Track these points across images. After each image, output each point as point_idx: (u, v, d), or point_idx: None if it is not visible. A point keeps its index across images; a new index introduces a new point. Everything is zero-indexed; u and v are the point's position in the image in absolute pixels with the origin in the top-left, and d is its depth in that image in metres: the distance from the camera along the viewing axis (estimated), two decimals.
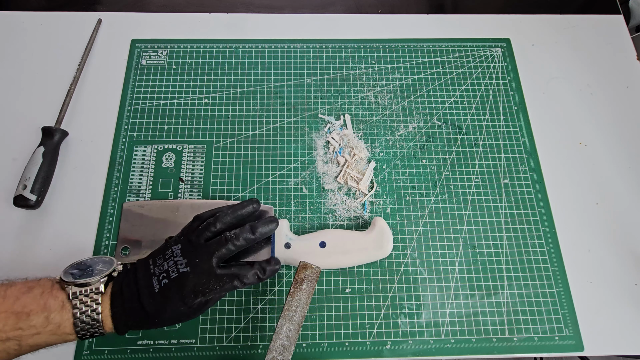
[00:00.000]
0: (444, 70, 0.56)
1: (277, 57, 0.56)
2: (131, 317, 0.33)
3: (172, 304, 0.33)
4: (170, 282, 0.33)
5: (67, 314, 0.31)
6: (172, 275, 0.34)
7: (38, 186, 0.44)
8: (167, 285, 0.33)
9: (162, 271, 0.34)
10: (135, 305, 0.33)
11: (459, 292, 0.44)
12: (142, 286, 0.34)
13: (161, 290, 0.33)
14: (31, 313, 0.30)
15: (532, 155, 0.51)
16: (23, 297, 0.31)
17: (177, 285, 0.33)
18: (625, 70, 0.57)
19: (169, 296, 0.33)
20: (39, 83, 0.53)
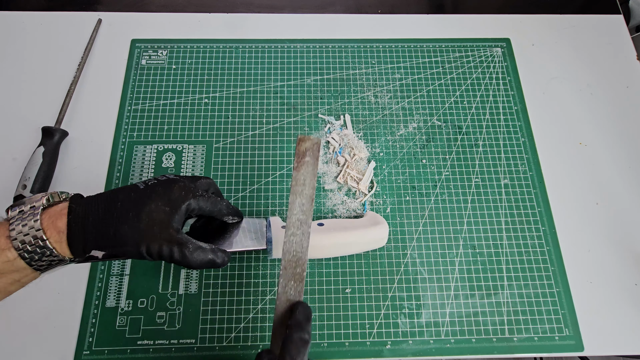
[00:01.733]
0: (444, 70, 0.56)
1: (277, 57, 0.56)
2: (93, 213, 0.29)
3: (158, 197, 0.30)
4: (158, 182, 0.31)
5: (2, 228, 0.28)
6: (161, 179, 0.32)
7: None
8: (155, 184, 0.31)
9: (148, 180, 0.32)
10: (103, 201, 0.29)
11: (459, 292, 0.44)
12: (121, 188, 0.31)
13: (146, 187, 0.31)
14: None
15: (532, 155, 0.51)
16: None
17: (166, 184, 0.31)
18: (625, 70, 0.57)
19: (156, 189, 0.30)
20: (39, 83, 0.53)
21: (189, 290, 0.43)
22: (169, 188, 0.31)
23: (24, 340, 0.41)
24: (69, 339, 0.41)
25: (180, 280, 0.44)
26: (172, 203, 0.31)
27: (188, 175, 0.36)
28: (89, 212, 0.29)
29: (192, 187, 0.33)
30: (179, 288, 0.43)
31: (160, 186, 0.31)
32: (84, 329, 0.41)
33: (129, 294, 0.43)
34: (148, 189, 0.31)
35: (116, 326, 0.42)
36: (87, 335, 0.41)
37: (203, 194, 0.33)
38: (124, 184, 0.47)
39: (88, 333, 0.41)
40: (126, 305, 0.42)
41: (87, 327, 0.42)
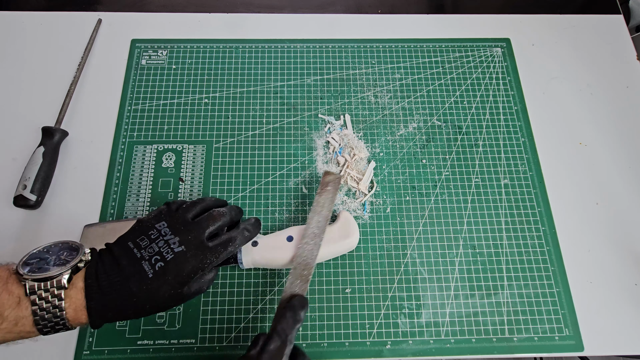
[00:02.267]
0: (444, 70, 0.56)
1: (277, 57, 0.56)
2: (113, 309, 0.30)
3: (169, 288, 0.31)
4: (166, 264, 0.31)
5: (25, 311, 0.28)
6: (168, 257, 0.31)
7: (38, 186, 0.44)
8: (163, 268, 0.31)
9: (152, 254, 0.31)
10: (121, 295, 0.30)
11: (459, 292, 0.44)
12: (130, 273, 0.30)
13: (156, 275, 0.31)
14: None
15: (532, 155, 0.51)
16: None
17: (174, 266, 0.31)
18: (625, 70, 0.57)
19: (167, 280, 0.31)
20: (39, 83, 0.53)
21: None
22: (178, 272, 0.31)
23: (23, 340, 0.41)
24: (69, 339, 0.41)
25: None
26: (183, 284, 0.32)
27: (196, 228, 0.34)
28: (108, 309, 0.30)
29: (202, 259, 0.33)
30: None
31: (169, 273, 0.31)
32: (84, 329, 0.41)
33: None
34: (157, 279, 0.31)
35: (116, 326, 0.42)
36: (87, 335, 0.41)
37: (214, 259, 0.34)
38: (124, 184, 0.47)
39: (88, 333, 0.41)
40: None
41: (87, 327, 0.41)
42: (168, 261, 0.31)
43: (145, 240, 0.33)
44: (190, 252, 0.32)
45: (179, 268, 0.31)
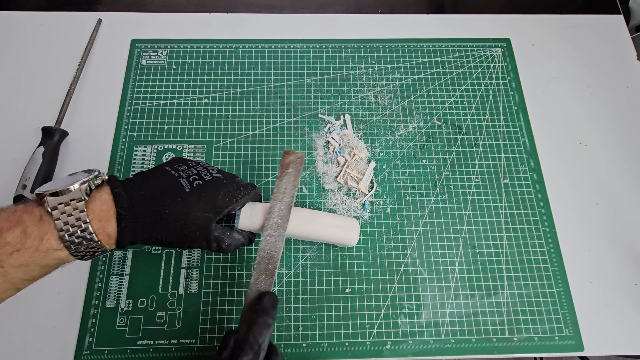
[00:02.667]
0: (444, 70, 0.56)
1: (277, 57, 0.56)
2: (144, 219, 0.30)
3: (203, 208, 0.31)
4: (204, 183, 0.32)
5: (49, 226, 0.28)
6: (206, 178, 0.32)
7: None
8: (201, 186, 0.31)
9: (190, 174, 0.32)
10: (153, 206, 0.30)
11: (459, 292, 0.44)
12: (167, 187, 0.30)
13: (193, 190, 0.31)
14: (3, 230, 0.27)
15: (532, 155, 0.51)
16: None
17: (211, 187, 0.32)
18: (625, 70, 0.57)
19: (202, 197, 0.31)
20: (39, 83, 0.53)
21: (189, 290, 0.43)
22: (214, 194, 0.32)
23: (24, 340, 0.41)
24: (69, 339, 0.41)
25: (180, 280, 0.44)
26: (216, 209, 0.32)
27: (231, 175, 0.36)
28: (137, 219, 0.30)
29: (235, 193, 0.34)
30: (179, 288, 0.43)
31: (206, 191, 0.31)
32: (84, 329, 0.41)
33: (129, 294, 0.43)
34: (194, 195, 0.31)
35: (116, 326, 0.42)
36: (87, 335, 0.41)
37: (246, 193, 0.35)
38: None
39: (88, 333, 0.41)
40: (126, 305, 0.42)
41: (87, 327, 0.42)
42: (206, 181, 0.32)
43: (182, 166, 0.33)
44: (226, 180, 0.33)
45: (215, 190, 0.32)
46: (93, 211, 0.29)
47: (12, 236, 0.27)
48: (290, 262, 0.45)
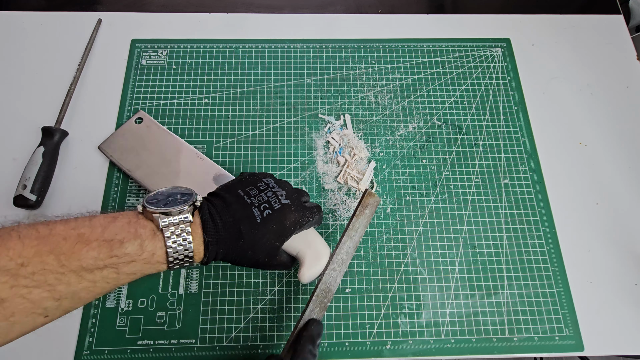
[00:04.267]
0: (444, 70, 0.56)
1: (277, 57, 0.56)
2: (224, 247, 0.32)
3: (271, 237, 0.33)
4: (273, 212, 0.33)
5: (159, 242, 0.30)
6: (275, 206, 0.34)
7: (38, 186, 0.44)
8: (270, 216, 0.33)
9: (262, 202, 0.34)
10: (232, 235, 0.32)
11: (459, 292, 0.44)
12: (242, 216, 0.33)
13: (263, 221, 0.33)
14: (124, 240, 0.29)
15: (532, 155, 0.51)
16: (110, 226, 0.29)
17: (279, 215, 0.33)
18: (625, 70, 0.57)
19: (271, 228, 0.33)
20: (39, 83, 0.53)
21: (189, 290, 0.43)
22: (282, 223, 0.34)
23: (24, 340, 0.41)
24: (69, 339, 0.41)
25: (180, 280, 0.44)
26: (283, 238, 0.34)
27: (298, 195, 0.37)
28: (219, 244, 0.33)
29: (302, 216, 0.35)
30: (179, 288, 0.43)
31: (275, 221, 0.34)
32: (84, 329, 0.41)
33: (129, 294, 0.43)
34: (264, 225, 0.33)
35: (116, 326, 0.42)
36: (87, 335, 0.41)
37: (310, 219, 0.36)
38: (124, 184, 0.47)
39: (88, 333, 0.41)
40: (126, 305, 0.42)
41: (87, 327, 0.42)
42: (275, 210, 0.34)
43: (254, 190, 0.35)
44: (294, 205, 0.35)
45: (283, 218, 0.34)
46: (196, 232, 0.32)
47: (132, 248, 0.29)
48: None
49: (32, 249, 0.26)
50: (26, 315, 0.26)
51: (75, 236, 0.28)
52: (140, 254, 0.29)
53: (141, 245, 0.29)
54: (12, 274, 0.25)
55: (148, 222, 0.31)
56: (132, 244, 0.29)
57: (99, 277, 0.28)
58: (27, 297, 0.25)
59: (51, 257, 0.26)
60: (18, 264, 0.25)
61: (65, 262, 0.27)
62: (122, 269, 0.29)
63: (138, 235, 0.30)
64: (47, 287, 0.26)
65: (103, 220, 0.30)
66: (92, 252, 0.27)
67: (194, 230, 0.32)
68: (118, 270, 0.29)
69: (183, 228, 0.31)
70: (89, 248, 0.27)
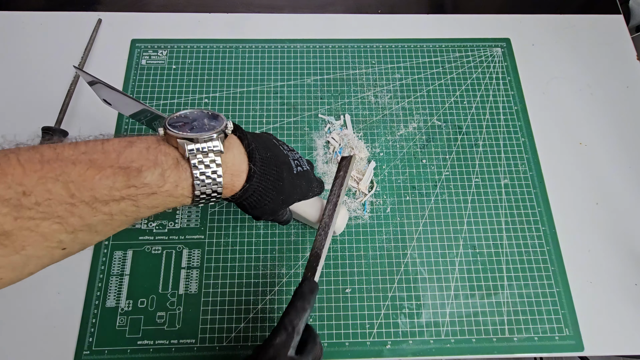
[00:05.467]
0: (444, 70, 0.56)
1: (277, 57, 0.56)
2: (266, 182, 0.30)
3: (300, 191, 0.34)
4: (303, 171, 0.34)
5: (184, 173, 0.26)
6: (304, 168, 0.35)
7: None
8: (302, 173, 0.34)
9: (295, 158, 0.34)
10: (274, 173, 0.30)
11: (459, 292, 0.44)
12: (284, 162, 0.32)
13: (298, 174, 0.33)
14: (142, 169, 0.25)
15: (532, 155, 0.51)
16: (126, 151, 0.25)
17: (306, 177, 0.35)
18: (625, 70, 0.57)
19: (301, 183, 0.34)
20: (39, 83, 0.53)
21: (189, 290, 0.43)
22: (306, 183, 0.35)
23: (24, 340, 0.41)
24: (69, 339, 0.41)
25: (180, 280, 0.44)
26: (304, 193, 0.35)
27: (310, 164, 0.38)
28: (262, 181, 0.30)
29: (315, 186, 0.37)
30: (179, 288, 0.43)
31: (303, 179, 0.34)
32: (84, 329, 0.41)
33: (129, 294, 0.43)
34: (298, 178, 0.34)
35: (116, 326, 0.42)
36: (87, 335, 0.41)
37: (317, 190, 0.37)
38: None
39: (88, 333, 0.41)
40: (126, 305, 0.42)
41: (87, 327, 0.42)
42: (304, 170, 0.35)
43: (285, 146, 0.35)
44: (311, 175, 0.36)
45: (307, 180, 0.35)
46: (226, 164, 0.28)
47: (152, 177, 0.25)
48: (291, 262, 0.45)
49: (35, 175, 0.22)
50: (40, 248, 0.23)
51: (86, 161, 0.24)
52: (162, 185, 0.26)
53: (162, 175, 0.25)
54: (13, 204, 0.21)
55: (171, 149, 0.27)
56: (152, 173, 0.25)
57: (116, 210, 0.25)
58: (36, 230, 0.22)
59: (58, 185, 0.22)
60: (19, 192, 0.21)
61: (75, 192, 0.23)
62: (142, 201, 0.25)
63: (159, 164, 0.26)
64: (57, 220, 0.23)
65: (118, 144, 0.26)
66: (106, 181, 0.24)
67: (233, 162, 0.28)
68: (137, 202, 0.25)
69: (213, 159, 0.27)
70: (102, 176, 0.24)
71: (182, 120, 0.28)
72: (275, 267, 0.45)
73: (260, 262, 0.45)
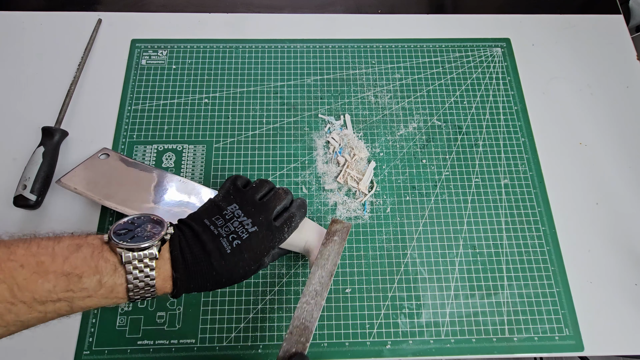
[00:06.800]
0: (444, 70, 0.56)
1: (277, 57, 0.56)
2: (195, 281, 0.32)
3: (244, 265, 0.34)
4: (242, 242, 0.34)
5: (120, 278, 0.29)
6: (243, 236, 0.34)
7: (38, 186, 0.44)
8: (239, 246, 0.33)
9: (229, 232, 0.34)
10: (203, 268, 0.32)
11: (459, 292, 0.44)
12: (211, 249, 0.33)
13: (233, 252, 0.33)
14: (83, 275, 0.28)
15: (532, 155, 0.51)
16: (72, 257, 0.28)
17: (249, 245, 0.34)
18: (625, 70, 0.57)
19: (243, 257, 0.33)
20: (39, 83, 0.53)
21: None
22: (253, 250, 0.34)
23: (24, 340, 0.41)
24: (69, 339, 0.41)
25: None
26: (257, 261, 0.34)
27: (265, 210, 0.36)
28: (191, 280, 0.32)
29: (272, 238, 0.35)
30: None
31: (245, 250, 0.34)
32: (84, 329, 0.42)
33: None
34: (235, 256, 0.33)
35: (116, 326, 0.42)
36: (87, 335, 0.41)
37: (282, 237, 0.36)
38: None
39: (88, 333, 0.41)
40: (126, 305, 0.42)
41: (87, 327, 0.42)
42: (244, 240, 0.34)
43: (220, 219, 0.35)
44: (262, 232, 0.35)
45: (253, 246, 0.34)
46: (159, 269, 0.31)
47: (90, 283, 0.28)
48: (291, 262, 0.45)
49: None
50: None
51: (33, 265, 0.27)
52: (98, 289, 0.29)
53: (100, 281, 0.28)
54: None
55: (111, 255, 0.30)
56: (91, 279, 0.28)
57: (51, 309, 0.27)
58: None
59: (3, 286, 0.25)
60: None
61: (17, 293, 0.26)
62: (77, 303, 0.28)
63: (99, 271, 0.29)
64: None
65: (67, 249, 0.29)
66: (47, 285, 0.26)
67: (161, 266, 0.31)
68: (72, 304, 0.28)
69: (147, 263, 0.30)
70: (45, 280, 0.26)
71: (127, 227, 0.32)
72: (275, 267, 0.45)
73: None
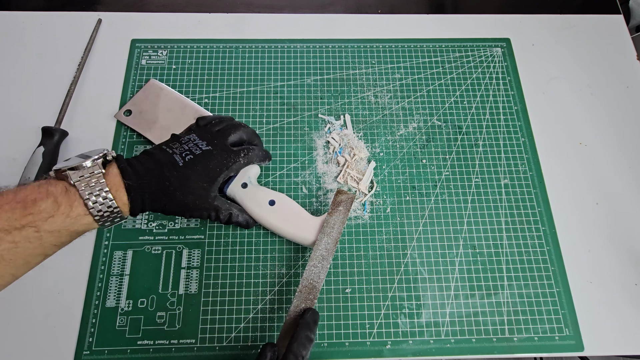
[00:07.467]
0: (444, 70, 0.56)
1: (277, 57, 0.56)
2: (149, 191, 0.33)
3: (198, 178, 0.35)
4: (195, 157, 0.35)
5: (74, 195, 0.31)
6: (196, 152, 0.36)
7: None
8: (192, 160, 0.35)
9: (183, 150, 0.36)
10: (154, 178, 0.34)
11: (459, 292, 0.44)
12: (164, 162, 0.34)
13: (186, 164, 0.35)
14: (37, 199, 0.30)
15: (532, 155, 0.51)
16: (20, 191, 0.30)
17: (202, 159, 0.35)
18: (625, 70, 0.57)
19: (196, 169, 0.35)
20: (39, 83, 0.53)
21: (189, 290, 0.43)
22: (205, 165, 0.36)
23: (24, 340, 0.41)
24: (69, 339, 0.41)
25: (180, 280, 0.44)
26: (210, 178, 0.36)
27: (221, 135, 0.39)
28: (144, 189, 0.34)
29: (226, 157, 0.37)
30: (179, 288, 0.43)
31: (197, 164, 0.35)
32: (84, 329, 0.42)
33: (129, 294, 0.43)
34: (188, 168, 0.35)
35: (116, 326, 0.42)
36: (87, 335, 0.41)
37: (237, 159, 0.38)
38: None
39: (88, 333, 0.41)
40: (126, 305, 0.43)
41: (87, 327, 0.42)
42: (196, 155, 0.36)
43: (176, 144, 0.37)
44: (215, 150, 0.37)
45: (206, 161, 0.36)
46: (109, 182, 0.33)
47: (46, 205, 0.30)
48: (291, 262, 0.45)
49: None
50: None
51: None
52: (57, 208, 0.30)
53: (55, 201, 0.30)
54: None
55: (59, 182, 0.32)
56: (46, 201, 0.30)
57: (20, 238, 0.29)
58: None
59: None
60: None
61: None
62: (42, 226, 0.29)
63: (50, 194, 0.30)
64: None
65: (13, 189, 0.31)
66: (5, 214, 0.29)
67: (112, 181, 0.33)
68: (38, 228, 0.29)
69: (97, 180, 0.32)
70: (1, 210, 0.29)
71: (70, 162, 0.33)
72: (275, 267, 0.45)
73: (260, 262, 0.45)
